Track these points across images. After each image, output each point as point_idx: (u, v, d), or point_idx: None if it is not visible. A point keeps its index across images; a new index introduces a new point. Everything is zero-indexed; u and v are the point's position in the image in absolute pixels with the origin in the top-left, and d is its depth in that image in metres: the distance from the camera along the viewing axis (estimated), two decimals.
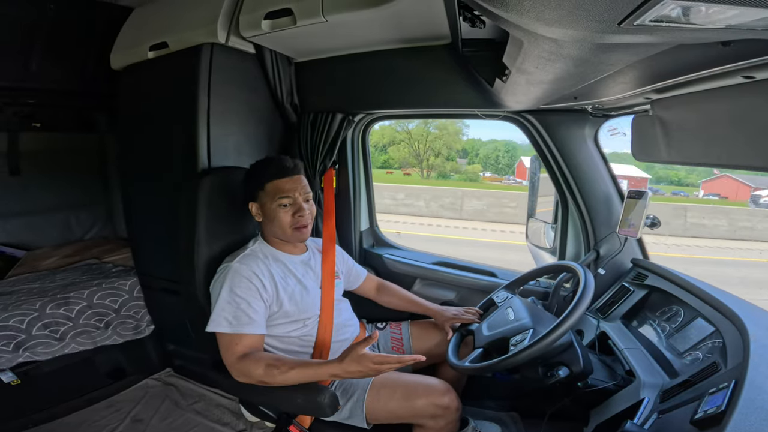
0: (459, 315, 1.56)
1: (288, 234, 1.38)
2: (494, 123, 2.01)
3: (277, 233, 1.40)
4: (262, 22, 1.50)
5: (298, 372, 1.14)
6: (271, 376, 1.14)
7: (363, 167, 2.22)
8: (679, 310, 1.36)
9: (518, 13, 0.60)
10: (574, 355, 1.17)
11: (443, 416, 1.23)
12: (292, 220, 1.36)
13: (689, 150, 1.15)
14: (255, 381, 1.16)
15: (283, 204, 1.36)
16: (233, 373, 1.20)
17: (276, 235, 1.41)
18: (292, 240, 1.42)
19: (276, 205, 1.35)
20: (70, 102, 2.50)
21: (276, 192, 1.36)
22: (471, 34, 1.38)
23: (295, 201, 1.37)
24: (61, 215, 2.62)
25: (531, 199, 2.08)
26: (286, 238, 1.41)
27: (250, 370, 1.16)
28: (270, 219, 1.38)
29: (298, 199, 1.37)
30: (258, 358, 1.18)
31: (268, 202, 1.37)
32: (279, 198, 1.35)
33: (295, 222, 1.37)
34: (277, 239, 1.43)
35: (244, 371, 1.17)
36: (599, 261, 1.71)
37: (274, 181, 1.36)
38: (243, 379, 1.18)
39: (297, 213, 1.37)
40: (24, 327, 1.74)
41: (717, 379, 0.95)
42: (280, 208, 1.36)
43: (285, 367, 1.15)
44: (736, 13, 0.49)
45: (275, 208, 1.36)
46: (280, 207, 1.36)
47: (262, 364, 1.15)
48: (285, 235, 1.39)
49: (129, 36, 1.96)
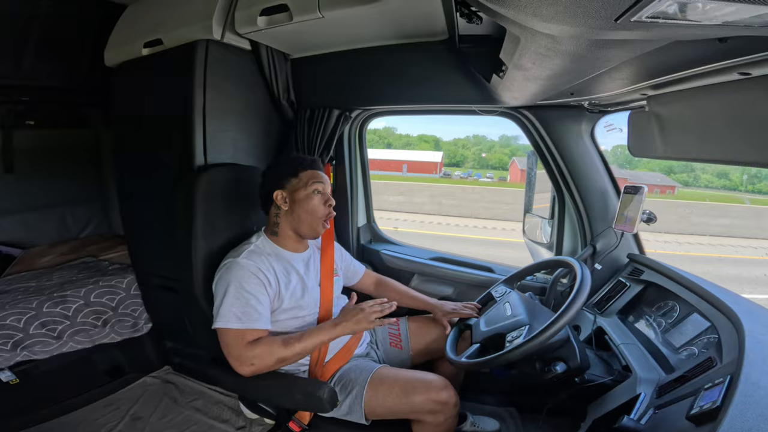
0: (457, 310, 1.56)
1: (317, 223, 1.40)
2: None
3: (303, 221, 1.40)
4: (258, 18, 1.49)
5: (310, 335, 1.25)
6: (291, 347, 1.21)
7: (360, 163, 2.22)
8: (675, 306, 1.37)
9: (515, 9, 0.59)
10: (571, 351, 1.18)
11: (441, 412, 1.24)
12: (324, 208, 1.40)
13: (685, 146, 1.15)
14: (274, 359, 1.19)
15: (318, 190, 1.40)
16: (246, 363, 1.18)
17: (298, 224, 1.41)
18: (312, 232, 1.42)
19: (312, 191, 1.39)
20: (64, 99, 2.49)
21: (312, 178, 1.40)
22: (468, 30, 1.38)
23: (325, 191, 1.42)
24: (56, 213, 2.61)
25: (528, 195, 2.08)
26: (309, 227, 1.41)
27: (270, 349, 1.20)
28: (300, 205, 1.39)
29: (327, 191, 1.43)
30: (270, 339, 1.23)
31: (302, 188, 1.39)
32: (314, 183, 1.39)
33: (326, 212, 1.41)
34: (291, 231, 1.42)
35: (260, 354, 1.19)
36: (596, 256, 1.72)
37: (309, 170, 1.41)
38: (258, 363, 1.18)
39: (328, 202, 1.42)
40: (21, 326, 1.74)
41: (712, 375, 0.96)
42: (314, 194, 1.39)
43: (297, 336, 1.25)
44: (733, 9, 0.49)
45: (310, 193, 1.39)
46: (315, 193, 1.39)
47: (278, 341, 1.22)
48: (312, 223, 1.40)
49: (123, 33, 1.94)
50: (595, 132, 1.73)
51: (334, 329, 1.26)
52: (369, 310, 1.28)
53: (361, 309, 1.29)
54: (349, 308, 1.32)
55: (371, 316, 1.27)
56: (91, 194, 2.75)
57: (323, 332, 1.26)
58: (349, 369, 1.38)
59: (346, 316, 1.29)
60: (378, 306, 1.30)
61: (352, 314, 1.28)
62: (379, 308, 1.29)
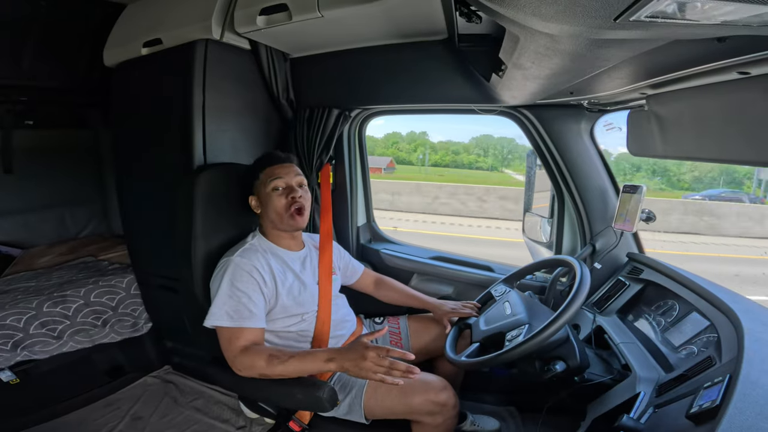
0: (457, 309, 1.56)
1: (284, 219, 1.38)
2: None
3: (274, 221, 1.40)
4: (257, 18, 1.49)
5: (297, 360, 1.14)
6: (272, 367, 1.14)
7: (360, 163, 2.22)
8: (675, 305, 1.37)
9: (514, 9, 0.59)
10: (570, 350, 1.18)
11: (440, 413, 1.24)
12: (286, 202, 1.37)
13: (684, 145, 1.15)
14: (257, 373, 1.16)
15: (276, 187, 1.37)
16: (235, 367, 1.19)
17: (273, 224, 1.41)
18: (287, 227, 1.40)
19: (270, 189, 1.37)
20: (64, 99, 2.49)
21: (269, 176, 1.38)
22: (467, 29, 1.38)
23: (287, 184, 1.39)
24: (56, 213, 2.60)
25: (527, 194, 2.08)
26: (282, 225, 1.40)
27: (254, 362, 1.15)
28: (265, 206, 1.39)
29: (290, 182, 1.39)
30: (259, 350, 1.18)
31: (263, 188, 1.39)
32: (271, 181, 1.37)
33: (290, 204, 1.37)
34: (276, 230, 1.43)
35: (246, 364, 1.17)
36: (595, 255, 1.72)
37: (266, 168, 1.40)
38: (246, 372, 1.17)
39: (290, 195, 1.38)
40: (21, 326, 1.74)
41: (712, 374, 0.96)
42: (273, 192, 1.37)
43: (285, 356, 1.15)
44: (732, 9, 0.49)
45: (269, 192, 1.37)
46: (273, 191, 1.37)
47: (265, 355, 1.15)
48: (281, 222, 1.39)
49: (122, 32, 1.94)
50: (595, 131, 1.73)
51: (326, 365, 1.12)
52: (374, 364, 1.06)
53: (365, 358, 1.07)
54: (356, 346, 1.11)
55: (374, 373, 1.06)
56: (91, 195, 2.75)
57: (311, 363, 1.14)
58: None
59: (346, 355, 1.10)
60: (387, 360, 1.07)
61: (353, 359, 1.08)
62: (387, 363, 1.06)
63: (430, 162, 28.76)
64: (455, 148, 30.02)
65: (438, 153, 29.77)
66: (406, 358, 1.09)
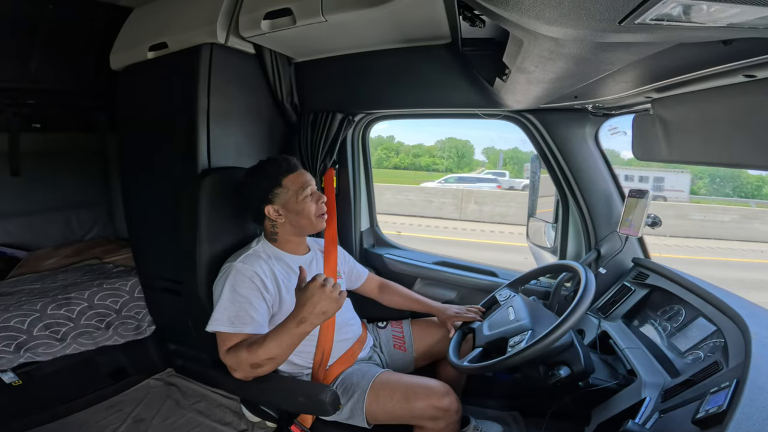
0: (461, 313, 1.56)
1: (314, 223, 1.41)
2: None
3: (303, 227, 1.42)
4: (261, 22, 1.49)
5: (272, 337, 1.10)
6: (254, 352, 1.10)
7: (363, 167, 2.22)
8: (681, 310, 1.36)
9: (518, 12, 0.59)
10: (575, 355, 1.17)
11: (443, 418, 1.23)
12: (317, 207, 1.41)
13: (690, 149, 1.14)
14: (247, 365, 1.12)
15: (309, 194, 1.40)
16: (231, 370, 1.17)
17: (299, 230, 1.43)
18: (317, 227, 1.43)
19: (303, 198, 1.39)
20: (70, 102, 2.50)
21: (299, 185, 1.40)
22: (471, 33, 1.38)
23: (313, 190, 1.42)
24: (61, 215, 2.62)
25: (531, 199, 2.08)
26: (311, 227, 1.42)
27: (239, 357, 1.12)
28: (295, 213, 1.39)
29: (315, 189, 1.43)
30: (237, 347, 1.15)
31: (293, 197, 1.39)
32: (303, 189, 1.39)
33: (320, 209, 1.42)
34: (293, 237, 1.44)
35: (234, 362, 1.14)
36: (600, 260, 1.71)
37: (289, 176, 1.40)
38: (239, 370, 1.14)
39: (320, 200, 1.43)
40: (25, 328, 1.74)
41: (718, 379, 0.95)
42: (307, 199, 1.39)
43: (261, 338, 1.11)
44: (738, 11, 0.49)
45: (303, 200, 1.39)
46: (307, 198, 1.39)
47: (244, 346, 1.12)
48: (311, 225, 1.41)
49: (129, 36, 1.95)
50: (599, 135, 1.72)
51: (299, 327, 1.06)
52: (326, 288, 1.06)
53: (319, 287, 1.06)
54: (307, 288, 1.07)
55: (334, 292, 1.06)
56: (97, 198, 2.76)
57: (284, 333, 1.09)
58: (352, 373, 1.37)
59: (304, 306, 1.06)
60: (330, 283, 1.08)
61: (310, 300, 1.05)
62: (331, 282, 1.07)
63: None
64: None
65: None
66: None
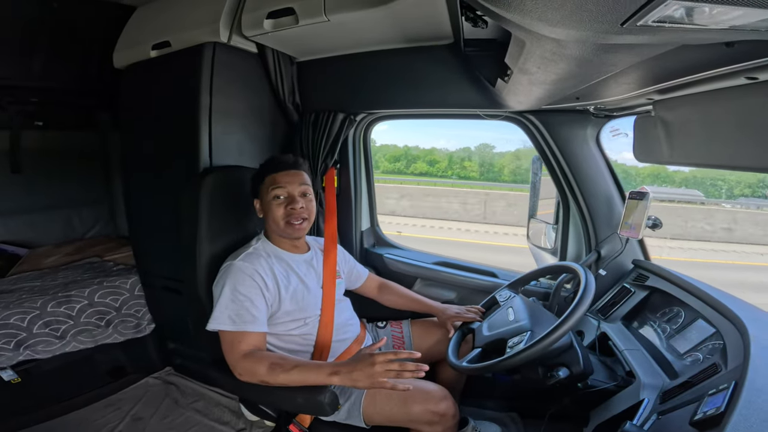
0: (461, 313, 1.56)
1: (280, 227, 1.37)
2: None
3: (272, 227, 1.40)
4: (264, 22, 1.50)
5: (300, 370, 1.13)
6: (274, 375, 1.13)
7: (364, 167, 2.22)
8: (680, 312, 1.36)
9: (520, 13, 0.59)
10: (574, 356, 1.17)
11: (440, 423, 1.22)
12: (284, 212, 1.36)
13: (691, 151, 1.14)
14: (258, 380, 1.15)
15: (277, 195, 1.36)
16: (236, 372, 1.19)
17: (272, 229, 1.42)
18: (284, 235, 1.40)
19: (270, 198, 1.36)
20: (73, 100, 2.51)
21: (270, 184, 1.37)
22: (473, 34, 1.38)
23: (289, 194, 1.36)
24: (63, 213, 2.62)
25: (532, 200, 2.07)
26: (279, 232, 1.40)
27: (255, 369, 1.15)
28: (266, 212, 1.39)
29: (293, 192, 1.37)
30: (261, 357, 1.17)
31: (265, 195, 1.38)
32: (272, 189, 1.36)
33: (288, 214, 1.36)
34: (276, 236, 1.43)
35: (248, 369, 1.16)
36: (600, 262, 1.71)
37: (271, 174, 1.38)
38: (246, 377, 1.17)
39: (290, 205, 1.36)
40: (25, 325, 1.74)
41: (717, 381, 0.95)
42: (273, 201, 1.36)
43: (288, 365, 1.14)
44: (740, 13, 0.49)
45: (269, 200, 1.36)
46: (274, 199, 1.36)
47: (266, 363, 1.14)
48: (278, 229, 1.38)
49: (132, 35, 1.96)
50: (601, 137, 1.72)
51: (329, 378, 1.09)
52: (382, 367, 1.05)
53: (373, 364, 1.05)
54: (362, 357, 1.09)
55: (383, 375, 1.05)
56: (98, 196, 2.77)
57: (314, 375, 1.12)
58: None
59: (354, 367, 1.08)
60: (397, 364, 1.06)
61: (362, 368, 1.06)
62: (398, 366, 1.05)
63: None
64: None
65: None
66: (413, 357, 1.09)
